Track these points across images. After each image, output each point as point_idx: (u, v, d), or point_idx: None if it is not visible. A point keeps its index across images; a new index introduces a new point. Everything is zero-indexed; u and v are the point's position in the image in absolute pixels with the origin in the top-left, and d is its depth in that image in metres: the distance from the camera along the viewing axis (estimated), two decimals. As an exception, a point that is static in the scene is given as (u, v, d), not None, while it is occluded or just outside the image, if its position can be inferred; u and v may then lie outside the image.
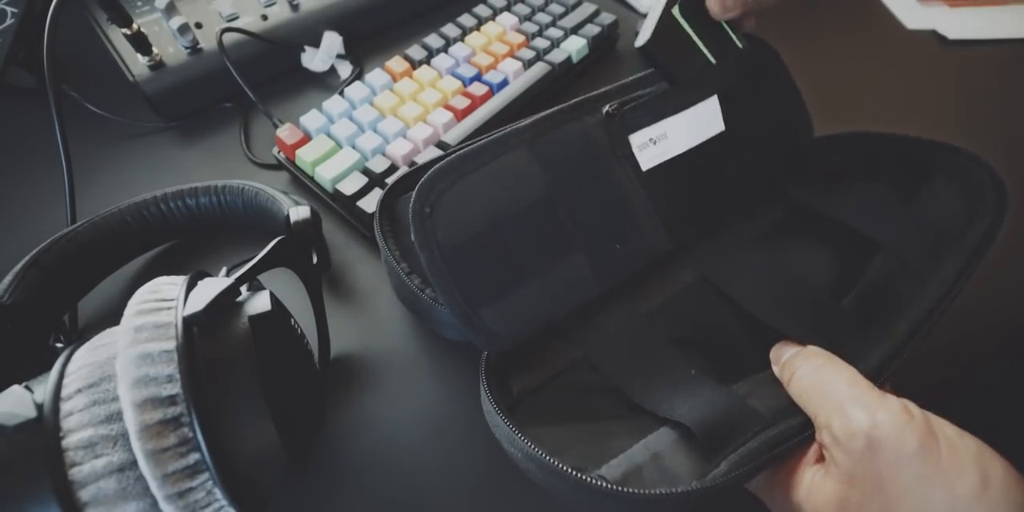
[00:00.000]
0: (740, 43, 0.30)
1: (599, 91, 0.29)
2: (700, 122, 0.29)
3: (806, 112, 0.32)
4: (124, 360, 0.19)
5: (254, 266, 0.24)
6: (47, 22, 0.33)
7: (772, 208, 0.33)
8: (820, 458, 0.22)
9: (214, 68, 0.41)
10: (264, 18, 0.44)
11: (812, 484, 0.21)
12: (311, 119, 0.39)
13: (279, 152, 0.39)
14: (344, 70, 0.46)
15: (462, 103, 0.39)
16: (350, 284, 0.35)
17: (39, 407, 0.18)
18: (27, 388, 0.19)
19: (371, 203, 0.35)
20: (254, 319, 0.21)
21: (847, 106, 0.41)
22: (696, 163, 0.29)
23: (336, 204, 0.37)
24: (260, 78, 0.43)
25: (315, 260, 0.30)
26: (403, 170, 0.35)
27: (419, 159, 0.37)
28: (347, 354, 0.32)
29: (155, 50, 0.40)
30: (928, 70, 0.48)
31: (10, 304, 0.27)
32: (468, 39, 0.44)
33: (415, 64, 0.43)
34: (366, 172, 0.36)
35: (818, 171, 0.33)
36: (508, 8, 0.46)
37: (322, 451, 0.29)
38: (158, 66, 0.40)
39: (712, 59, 0.29)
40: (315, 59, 0.45)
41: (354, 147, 0.38)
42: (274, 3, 0.44)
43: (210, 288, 0.22)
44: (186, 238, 0.36)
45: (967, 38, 0.49)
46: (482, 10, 0.46)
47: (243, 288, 0.24)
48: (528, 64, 0.43)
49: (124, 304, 0.21)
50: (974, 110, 0.44)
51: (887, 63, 0.48)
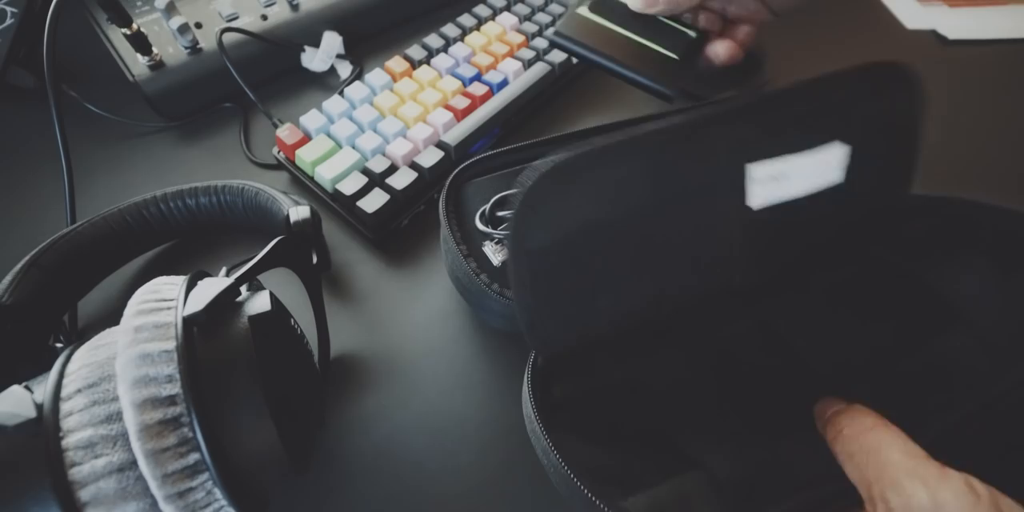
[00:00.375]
0: (692, 34, 0.31)
1: (727, 102, 0.24)
2: (822, 167, 0.26)
3: (916, 168, 0.28)
4: (124, 360, 0.19)
5: (254, 266, 0.24)
6: (47, 22, 0.33)
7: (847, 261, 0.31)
8: None
9: (214, 68, 0.41)
10: (264, 18, 0.44)
11: None
12: (311, 119, 0.39)
13: (279, 152, 0.39)
14: (344, 70, 0.46)
15: (462, 103, 0.39)
16: (350, 284, 0.35)
17: (39, 407, 0.19)
18: (27, 388, 0.20)
19: (371, 203, 0.35)
20: (254, 319, 0.21)
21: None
22: (802, 210, 0.26)
23: (336, 204, 0.37)
24: (260, 78, 0.43)
25: (315, 260, 0.30)
26: (477, 157, 0.33)
27: (419, 159, 0.37)
28: (347, 354, 0.32)
29: (155, 50, 0.40)
30: (928, 70, 0.47)
31: (10, 304, 0.27)
32: (468, 39, 0.44)
33: (415, 64, 0.43)
34: (366, 172, 0.36)
35: (902, 230, 0.30)
36: (508, 8, 0.46)
37: (322, 451, 0.29)
38: (158, 66, 0.40)
39: (674, 56, 0.30)
40: (315, 59, 0.45)
41: (354, 147, 0.38)
42: (274, 3, 0.44)
43: (210, 288, 0.22)
44: (186, 238, 0.36)
45: (967, 38, 0.49)
46: (482, 10, 0.46)
47: (243, 288, 0.24)
48: (528, 64, 0.43)
49: (124, 304, 0.21)
50: (974, 110, 0.44)
51: (887, 63, 0.48)
